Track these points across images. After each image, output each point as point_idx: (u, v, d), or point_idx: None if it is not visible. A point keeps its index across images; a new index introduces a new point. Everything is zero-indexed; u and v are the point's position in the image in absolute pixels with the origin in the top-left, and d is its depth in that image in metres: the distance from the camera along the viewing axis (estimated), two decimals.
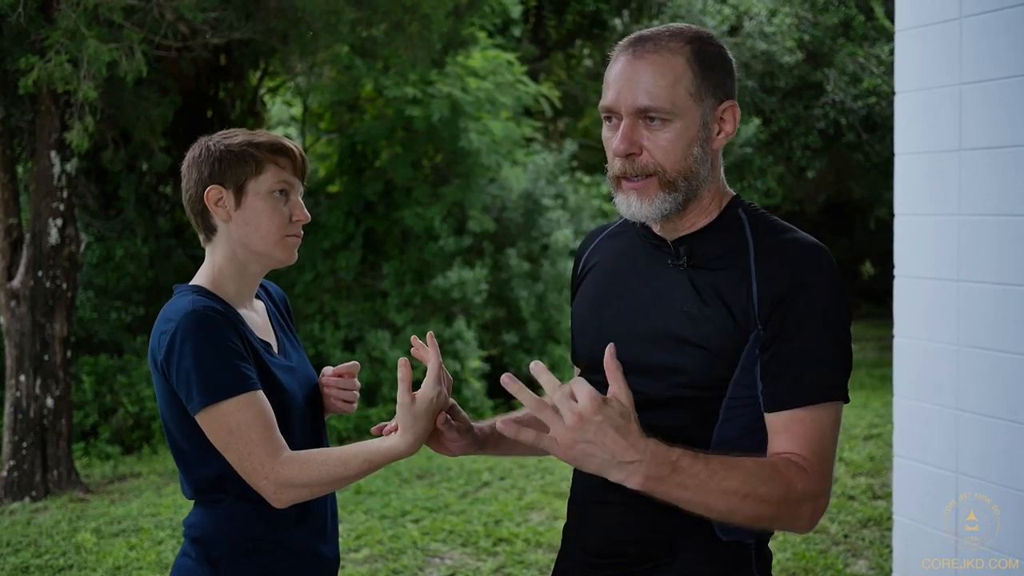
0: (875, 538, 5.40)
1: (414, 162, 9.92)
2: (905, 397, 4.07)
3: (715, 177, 1.89)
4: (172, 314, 2.01)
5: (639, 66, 1.81)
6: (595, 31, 13.43)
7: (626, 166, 1.83)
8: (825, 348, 1.76)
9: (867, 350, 12.94)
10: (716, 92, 1.85)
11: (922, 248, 3.96)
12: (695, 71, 1.82)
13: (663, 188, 1.82)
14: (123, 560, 5.28)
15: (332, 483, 1.96)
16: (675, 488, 1.64)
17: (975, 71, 3.68)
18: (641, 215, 1.84)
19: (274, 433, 1.97)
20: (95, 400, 8.24)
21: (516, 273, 9.80)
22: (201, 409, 1.95)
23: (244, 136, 2.12)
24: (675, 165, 1.81)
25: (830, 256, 1.81)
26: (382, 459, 1.95)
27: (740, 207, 1.91)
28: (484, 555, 5.37)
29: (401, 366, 1.91)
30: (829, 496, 1.74)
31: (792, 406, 1.75)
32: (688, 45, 1.83)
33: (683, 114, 1.81)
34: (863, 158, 12.18)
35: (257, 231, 2.10)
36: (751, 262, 1.81)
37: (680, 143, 1.81)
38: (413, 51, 8.01)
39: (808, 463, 1.72)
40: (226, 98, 10.43)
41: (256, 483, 1.95)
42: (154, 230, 9.50)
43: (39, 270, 6.70)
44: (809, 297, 1.76)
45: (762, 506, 1.68)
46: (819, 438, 1.74)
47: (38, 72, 5.95)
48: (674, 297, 1.85)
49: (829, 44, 11.96)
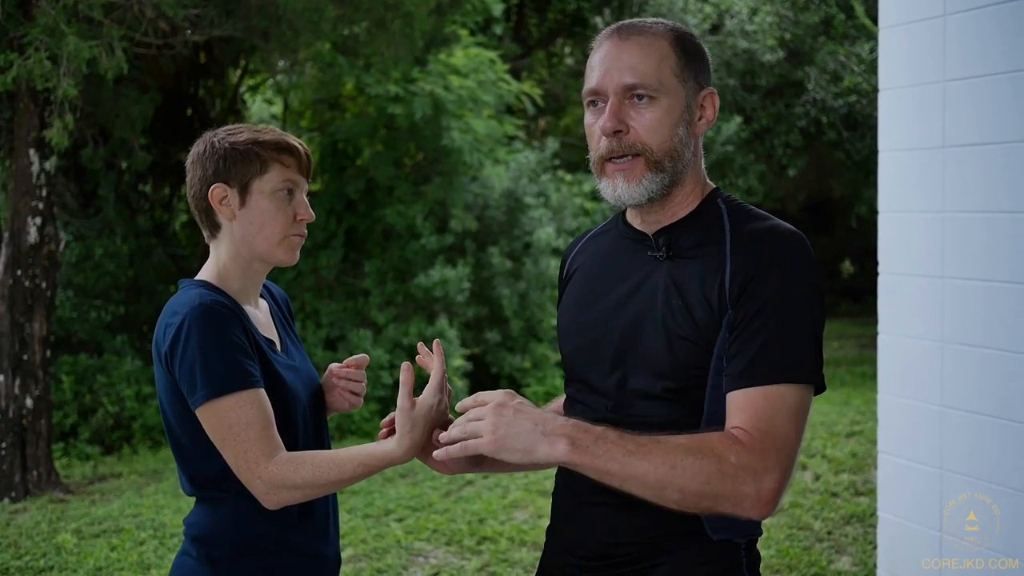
0: (858, 535, 5.41)
1: (396, 160, 9.88)
2: (890, 394, 4.07)
3: (697, 165, 1.91)
4: (179, 307, 1.99)
5: (625, 47, 1.85)
6: (576, 29, 13.43)
7: (613, 144, 1.84)
8: (787, 329, 1.74)
9: (848, 348, 12.99)
10: (698, 78, 1.89)
11: (906, 245, 3.97)
12: (678, 54, 1.86)
13: (649, 168, 1.83)
14: (104, 561, 5.24)
15: (325, 486, 1.94)
16: (601, 459, 1.64)
17: (960, 68, 3.68)
18: (627, 196, 1.85)
19: (271, 432, 1.95)
20: (75, 400, 8.18)
21: (498, 271, 9.79)
22: (203, 403, 1.94)
23: (249, 134, 2.11)
24: (662, 144, 1.83)
25: (805, 243, 1.81)
26: (377, 463, 1.93)
27: (720, 198, 1.92)
28: (468, 554, 5.35)
29: (404, 370, 1.89)
30: (781, 479, 1.67)
31: (746, 385, 1.72)
32: (671, 32, 1.88)
33: (669, 92, 1.84)
34: (844, 156, 12.23)
35: (261, 231, 2.09)
36: (727, 249, 1.81)
37: (667, 121, 1.83)
38: (395, 49, 7.98)
39: (749, 437, 1.68)
40: (206, 96, 10.37)
41: (249, 482, 1.94)
42: (134, 229, 9.43)
43: (18, 269, 6.64)
44: (775, 278, 1.75)
45: (693, 478, 1.64)
46: (768, 416, 1.69)
47: (17, 69, 5.90)
48: (655, 290, 1.85)
49: (810, 43, 12.00)
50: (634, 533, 1.85)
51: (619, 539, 1.86)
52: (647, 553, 1.84)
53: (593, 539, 1.89)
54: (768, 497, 1.66)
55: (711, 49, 11.85)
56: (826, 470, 6.66)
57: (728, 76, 12.00)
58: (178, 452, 2.07)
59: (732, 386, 1.74)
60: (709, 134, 11.60)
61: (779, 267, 1.76)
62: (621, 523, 1.85)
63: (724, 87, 11.98)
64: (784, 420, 1.70)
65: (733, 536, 1.84)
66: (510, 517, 5.95)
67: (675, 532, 1.82)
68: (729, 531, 1.83)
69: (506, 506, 6.14)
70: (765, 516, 1.69)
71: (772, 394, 1.71)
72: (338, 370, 2.28)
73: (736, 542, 1.85)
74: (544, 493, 6.41)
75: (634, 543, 1.85)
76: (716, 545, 1.83)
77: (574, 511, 1.95)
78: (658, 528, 1.82)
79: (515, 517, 5.95)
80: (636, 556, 1.85)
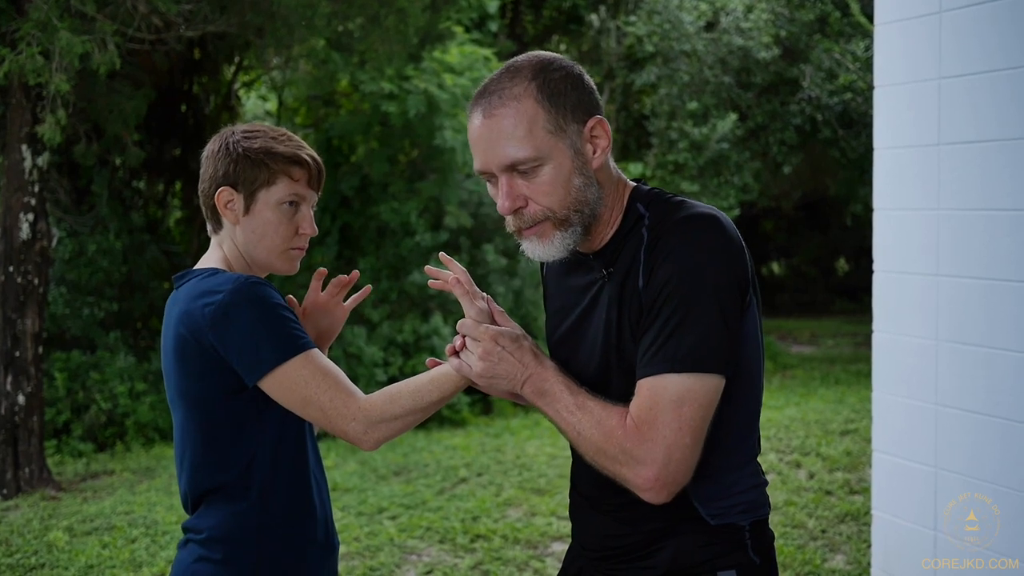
0: (853, 533, 5.41)
1: (390, 157, 9.86)
2: (885, 392, 4.06)
3: (609, 190, 1.89)
4: (215, 287, 1.98)
5: (492, 124, 1.81)
6: (572, 27, 13.41)
7: (517, 221, 1.85)
8: (676, 317, 1.73)
9: (842, 346, 12.99)
10: (575, 116, 1.83)
11: (902, 242, 3.96)
12: (546, 107, 1.81)
13: (558, 228, 1.84)
14: (96, 559, 5.22)
15: (426, 409, 2.01)
16: (548, 407, 1.83)
17: (955, 65, 3.67)
18: (548, 256, 1.87)
19: (346, 380, 2.00)
20: (67, 397, 8.14)
21: (493, 269, 9.77)
22: (273, 369, 1.95)
23: (264, 141, 2.11)
24: (561, 203, 1.83)
25: (716, 225, 1.78)
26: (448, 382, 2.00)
27: (639, 200, 1.90)
28: (462, 552, 5.34)
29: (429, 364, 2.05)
30: (659, 471, 1.71)
31: (640, 376, 1.77)
32: (532, 83, 1.82)
33: (550, 153, 1.81)
34: (839, 154, 12.23)
35: (261, 240, 2.10)
36: (642, 252, 1.82)
37: (558, 182, 1.82)
38: (389, 45, 7.95)
39: (631, 424, 1.74)
40: (200, 92, 10.33)
41: (343, 428, 1.97)
42: (127, 225, 9.39)
43: (10, 265, 6.61)
44: (671, 267, 1.75)
45: (589, 448, 1.78)
46: (650, 406, 1.73)
47: (9, 64, 5.87)
48: (605, 318, 1.88)
49: (805, 40, 12.00)
50: (636, 533, 1.89)
51: (623, 540, 1.91)
52: (649, 540, 1.88)
53: (601, 534, 1.95)
54: (648, 485, 1.73)
55: (706, 46, 11.85)
56: (820, 468, 6.66)
57: (723, 73, 11.99)
58: (207, 444, 2.04)
59: (637, 376, 1.79)
60: (704, 131, 11.59)
61: (672, 255, 1.76)
62: (624, 528, 1.91)
63: (719, 84, 11.97)
64: (664, 411, 1.72)
65: (735, 520, 1.87)
66: (504, 515, 5.93)
67: (675, 519, 1.85)
68: (728, 516, 1.86)
69: (500, 504, 6.13)
70: (656, 501, 1.75)
71: (655, 385, 1.73)
72: (326, 295, 2.35)
73: (739, 524, 1.87)
74: (538, 491, 6.40)
75: (634, 534, 1.89)
76: (717, 528, 1.86)
77: (583, 514, 2.02)
78: (657, 519, 1.86)
79: (509, 515, 5.94)
80: (639, 544, 1.89)
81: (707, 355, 1.72)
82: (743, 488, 1.89)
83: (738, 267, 1.77)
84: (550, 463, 7.12)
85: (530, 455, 7.40)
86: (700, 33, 11.97)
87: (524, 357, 1.84)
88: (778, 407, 8.86)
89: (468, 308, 1.90)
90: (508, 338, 1.85)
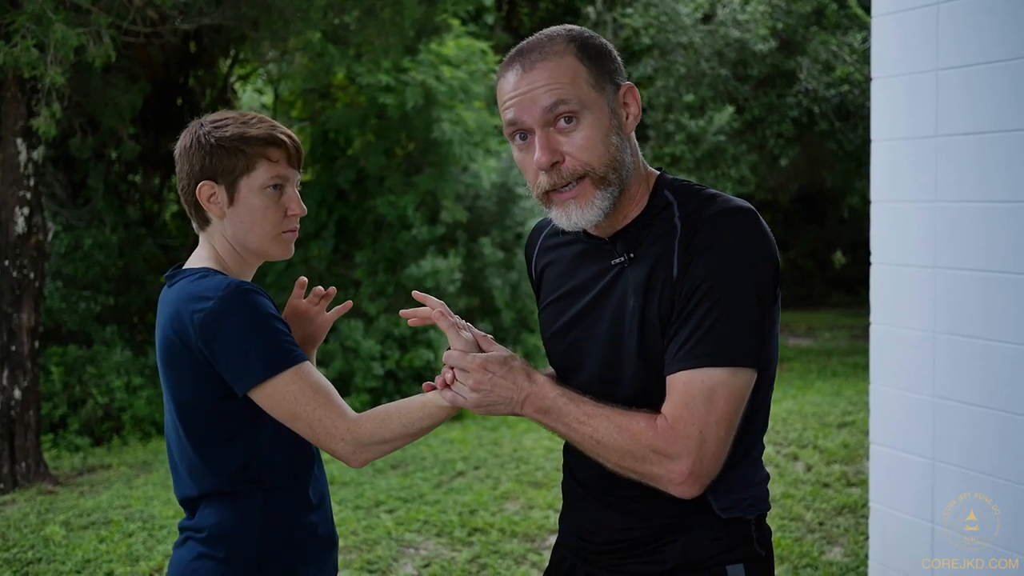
0: (850, 525, 5.41)
1: (387, 151, 9.84)
2: (882, 384, 4.06)
3: (637, 163, 1.88)
4: (205, 291, 1.94)
5: (532, 76, 1.80)
6: (568, 19, 13.37)
7: (553, 178, 1.81)
8: (713, 312, 1.73)
9: (840, 338, 12.99)
10: (613, 79, 1.84)
11: (899, 234, 3.95)
12: (587, 64, 1.81)
13: (597, 186, 1.81)
14: (93, 553, 5.21)
15: (416, 434, 1.97)
16: (555, 423, 1.81)
17: (953, 56, 3.66)
18: (584, 222, 1.83)
19: (336, 396, 1.97)
20: (64, 391, 8.13)
21: (490, 262, 9.76)
22: (261, 382, 1.92)
23: (236, 127, 2.06)
24: (601, 159, 1.80)
25: (750, 219, 1.77)
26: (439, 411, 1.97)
27: (666, 187, 1.89)
28: (459, 545, 5.34)
29: (425, 389, 1.98)
30: (693, 464, 1.71)
31: (672, 371, 1.76)
32: (572, 43, 1.82)
33: (591, 106, 1.80)
34: (836, 147, 12.21)
35: (252, 229, 2.06)
36: (675, 242, 1.80)
37: (598, 135, 1.80)
38: (385, 38, 7.93)
39: (663, 422, 1.73)
40: (196, 85, 10.30)
41: (330, 446, 1.95)
42: (123, 219, 9.37)
43: (5, 259, 6.59)
44: (709, 261, 1.74)
45: (612, 453, 1.76)
46: (684, 401, 1.72)
47: (3, 57, 5.84)
48: (623, 298, 1.85)
49: (802, 32, 11.98)
50: (646, 527, 1.89)
51: (632, 534, 1.90)
52: (658, 534, 1.88)
53: (608, 527, 1.93)
54: (681, 479, 1.72)
55: (703, 39, 11.83)
56: (818, 460, 6.66)
57: (720, 66, 11.98)
58: (198, 447, 2.02)
59: (667, 372, 1.77)
60: (701, 124, 11.58)
61: (713, 249, 1.75)
62: (633, 521, 1.90)
63: (716, 77, 11.95)
64: (700, 404, 1.71)
65: (743, 513, 1.87)
66: (501, 508, 5.93)
67: (686, 512, 1.85)
68: (737, 509, 1.87)
69: (497, 497, 6.13)
70: (687, 496, 1.74)
71: (688, 379, 1.73)
72: (308, 303, 2.31)
73: (746, 518, 1.88)
74: (535, 484, 6.40)
75: (643, 528, 1.89)
76: (726, 522, 1.86)
77: (586, 505, 1.99)
78: (668, 513, 1.86)
79: (506, 508, 5.94)
80: (648, 538, 1.88)
81: (744, 349, 1.73)
82: (755, 481, 1.90)
83: (773, 262, 1.78)
84: (547, 456, 7.12)
85: (527, 448, 7.39)
86: (697, 25, 11.96)
87: (517, 379, 1.82)
88: (775, 400, 8.86)
89: (454, 340, 1.88)
90: (496, 363, 1.82)
